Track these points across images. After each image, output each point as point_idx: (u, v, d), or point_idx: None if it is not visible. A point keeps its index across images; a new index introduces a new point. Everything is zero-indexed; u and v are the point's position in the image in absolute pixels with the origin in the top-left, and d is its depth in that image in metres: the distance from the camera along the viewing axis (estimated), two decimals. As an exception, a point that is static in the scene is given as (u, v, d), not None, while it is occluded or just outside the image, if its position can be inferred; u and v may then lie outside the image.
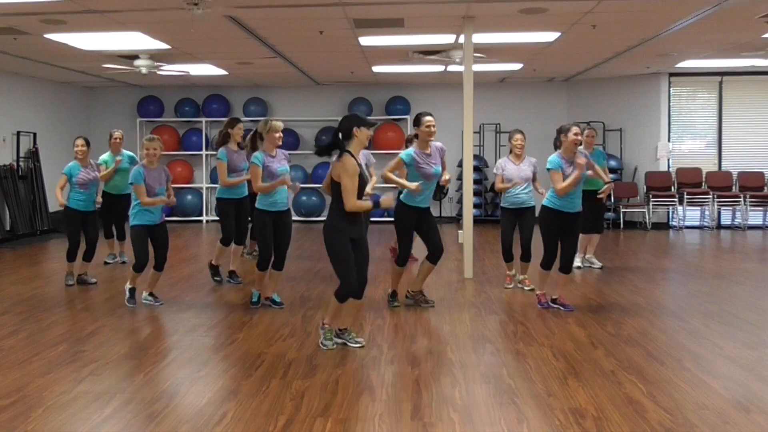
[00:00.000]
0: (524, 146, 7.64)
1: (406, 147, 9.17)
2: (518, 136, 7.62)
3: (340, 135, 5.26)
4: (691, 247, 11.68)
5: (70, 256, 8.07)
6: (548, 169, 6.53)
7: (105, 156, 9.28)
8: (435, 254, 6.74)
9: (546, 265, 6.80)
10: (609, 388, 4.55)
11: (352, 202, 5.16)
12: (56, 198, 7.87)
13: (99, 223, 8.37)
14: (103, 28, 8.92)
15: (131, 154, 9.51)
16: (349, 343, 5.52)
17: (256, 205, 6.65)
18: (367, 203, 5.31)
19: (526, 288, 7.73)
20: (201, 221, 15.49)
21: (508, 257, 7.84)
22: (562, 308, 6.73)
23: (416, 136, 6.74)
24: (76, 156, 8.03)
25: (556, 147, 6.80)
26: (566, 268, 6.71)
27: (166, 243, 7.06)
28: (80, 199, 8.03)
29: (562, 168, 6.46)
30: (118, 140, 9.23)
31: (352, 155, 5.20)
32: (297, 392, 4.49)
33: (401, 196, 6.73)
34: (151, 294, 7.12)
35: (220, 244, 8.08)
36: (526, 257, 7.68)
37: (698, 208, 13.94)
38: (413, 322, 6.40)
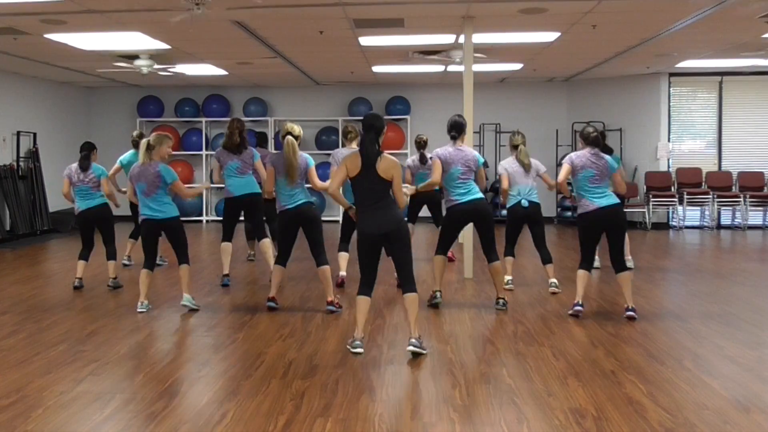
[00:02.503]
0: None
1: (423, 147, 9.14)
2: None
3: (374, 132, 5.30)
4: (691, 247, 11.68)
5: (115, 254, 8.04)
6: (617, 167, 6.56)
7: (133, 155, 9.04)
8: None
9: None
10: (609, 388, 4.55)
11: (403, 196, 5.37)
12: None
13: None
14: (103, 28, 8.92)
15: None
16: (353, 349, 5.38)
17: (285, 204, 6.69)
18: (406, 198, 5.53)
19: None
20: (201, 221, 15.49)
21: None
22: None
23: (453, 138, 6.71)
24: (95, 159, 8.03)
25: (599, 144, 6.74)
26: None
27: None
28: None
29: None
30: None
31: None
32: (297, 392, 4.49)
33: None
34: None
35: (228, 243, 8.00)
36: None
37: (698, 208, 13.95)
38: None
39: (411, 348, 5.25)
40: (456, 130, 6.72)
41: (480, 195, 6.72)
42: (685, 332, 5.99)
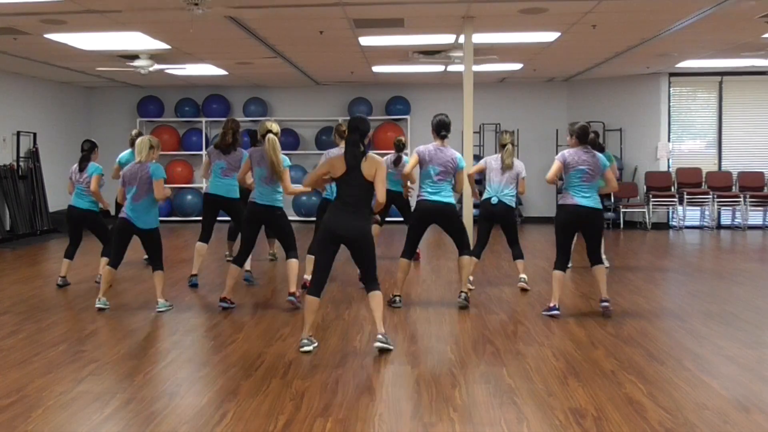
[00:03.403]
0: None
1: (401, 150, 9.30)
2: None
3: (359, 135, 5.36)
4: (691, 247, 11.68)
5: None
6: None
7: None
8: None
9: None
10: (609, 388, 4.55)
11: (384, 191, 5.39)
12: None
13: None
14: (103, 28, 8.91)
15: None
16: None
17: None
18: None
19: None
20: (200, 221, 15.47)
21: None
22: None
23: (443, 137, 6.79)
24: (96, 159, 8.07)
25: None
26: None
27: None
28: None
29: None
30: None
31: None
32: (297, 392, 4.49)
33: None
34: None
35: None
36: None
37: (698, 208, 13.95)
38: (413, 322, 6.40)
39: (378, 344, 5.32)
40: (446, 129, 6.81)
41: (450, 200, 6.76)
42: (685, 332, 5.99)
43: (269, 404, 4.29)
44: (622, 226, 13.84)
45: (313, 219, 15.05)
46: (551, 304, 6.58)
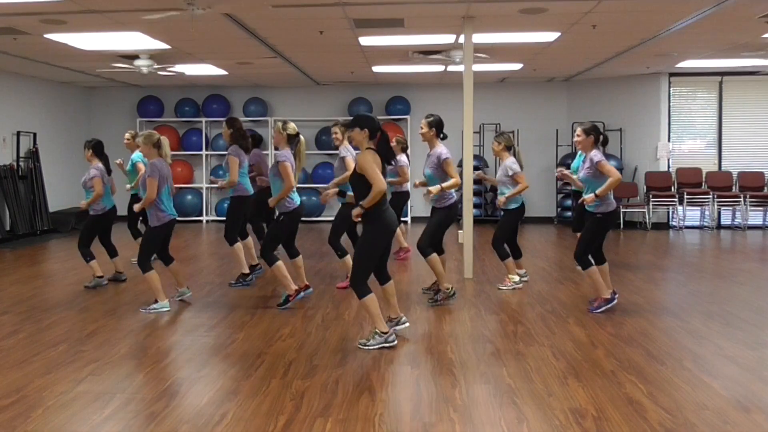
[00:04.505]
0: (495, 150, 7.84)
1: (406, 149, 9.41)
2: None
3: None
4: (691, 247, 11.68)
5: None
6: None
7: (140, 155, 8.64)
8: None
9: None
10: (609, 388, 4.55)
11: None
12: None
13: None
14: (103, 28, 8.91)
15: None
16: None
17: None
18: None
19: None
20: (201, 221, 15.49)
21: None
22: None
23: (445, 137, 7.18)
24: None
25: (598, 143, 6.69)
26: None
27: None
28: None
29: None
30: None
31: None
32: (297, 392, 4.49)
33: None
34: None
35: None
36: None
37: (698, 208, 13.94)
38: (413, 322, 6.40)
39: (407, 324, 5.91)
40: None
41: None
42: (685, 332, 5.99)
43: (269, 404, 4.29)
44: (622, 226, 13.84)
45: (313, 219, 15.16)
46: (609, 296, 6.70)
